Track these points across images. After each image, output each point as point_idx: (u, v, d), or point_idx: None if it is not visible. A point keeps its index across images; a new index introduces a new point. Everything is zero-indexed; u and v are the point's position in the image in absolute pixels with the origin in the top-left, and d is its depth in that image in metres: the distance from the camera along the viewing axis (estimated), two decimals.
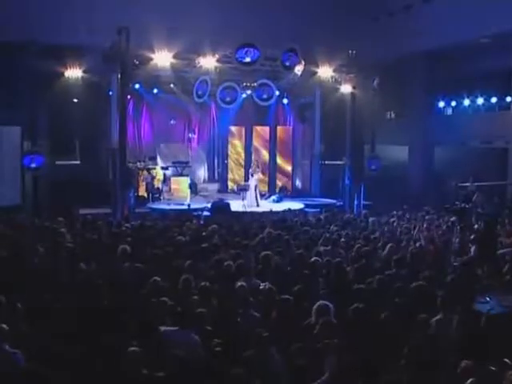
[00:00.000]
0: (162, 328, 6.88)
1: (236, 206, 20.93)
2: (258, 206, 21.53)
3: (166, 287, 8.52)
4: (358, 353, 6.17)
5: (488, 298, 9.55)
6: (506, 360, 6.24)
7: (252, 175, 22.30)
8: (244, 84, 22.30)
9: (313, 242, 12.33)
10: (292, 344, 6.67)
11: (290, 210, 19.01)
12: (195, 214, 18.31)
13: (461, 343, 7.14)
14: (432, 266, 10.64)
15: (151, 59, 19.36)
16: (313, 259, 9.94)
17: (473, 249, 11.36)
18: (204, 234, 12.90)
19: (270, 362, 5.89)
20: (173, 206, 20.62)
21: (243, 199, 21.59)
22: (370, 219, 16.54)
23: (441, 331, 7.43)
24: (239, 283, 8.61)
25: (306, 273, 9.31)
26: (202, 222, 15.78)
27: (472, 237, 12.21)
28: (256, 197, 21.87)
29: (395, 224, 15.80)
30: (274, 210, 19.72)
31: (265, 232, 13.60)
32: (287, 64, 19.82)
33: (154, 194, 22.65)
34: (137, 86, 22.53)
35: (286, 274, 9.53)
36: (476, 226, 13.52)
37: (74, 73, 20.21)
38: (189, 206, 20.17)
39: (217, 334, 7.06)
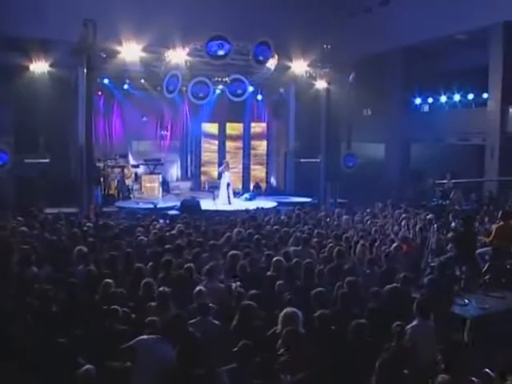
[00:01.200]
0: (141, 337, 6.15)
1: (208, 204, 20.20)
2: (230, 203, 20.79)
3: (118, 293, 7.70)
4: (324, 368, 5.48)
5: (466, 301, 9.00)
6: (488, 371, 5.63)
7: (223, 173, 21.55)
8: (216, 79, 21.50)
9: (283, 242, 11.60)
10: (254, 357, 5.94)
11: (262, 208, 18.17)
12: (164, 213, 17.43)
13: (439, 352, 6.48)
14: (407, 266, 9.97)
15: (119, 52, 18.59)
16: (276, 259, 9.19)
17: (450, 248, 10.72)
18: (168, 234, 12.06)
19: None
20: (142, 205, 19.79)
21: (214, 198, 20.88)
22: (344, 217, 15.86)
23: (417, 339, 6.76)
24: (198, 287, 7.87)
25: (273, 275, 8.56)
26: (167, 222, 14.96)
27: (450, 235, 11.59)
28: (228, 195, 21.13)
29: (369, 222, 15.16)
30: (245, 208, 18.93)
31: (234, 231, 12.88)
32: (260, 58, 19.08)
33: (124, 192, 21.80)
34: (106, 81, 21.75)
35: (252, 276, 8.78)
36: (453, 224, 12.93)
37: (39, 67, 19.39)
38: (155, 205, 19.22)
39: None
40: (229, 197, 21.10)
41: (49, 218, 14.65)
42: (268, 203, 21.20)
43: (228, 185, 21.26)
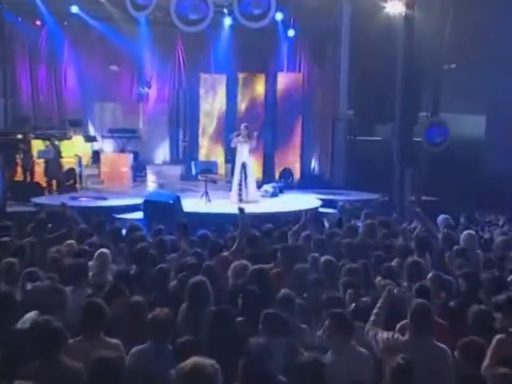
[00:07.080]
0: None
1: (198, 203, 14.26)
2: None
3: None
4: None
5: None
6: None
7: (238, 146, 15.38)
8: None
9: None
10: None
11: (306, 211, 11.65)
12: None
13: None
14: None
15: None
16: None
17: None
18: None
19: None
20: (83, 203, 13.79)
21: (202, 195, 14.65)
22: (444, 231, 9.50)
23: None
24: None
25: None
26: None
27: None
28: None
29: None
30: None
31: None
32: None
33: (60, 179, 16.38)
34: None
35: None
36: None
37: None
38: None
39: None
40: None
41: None
42: (309, 201, 15.65)
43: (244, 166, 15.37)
